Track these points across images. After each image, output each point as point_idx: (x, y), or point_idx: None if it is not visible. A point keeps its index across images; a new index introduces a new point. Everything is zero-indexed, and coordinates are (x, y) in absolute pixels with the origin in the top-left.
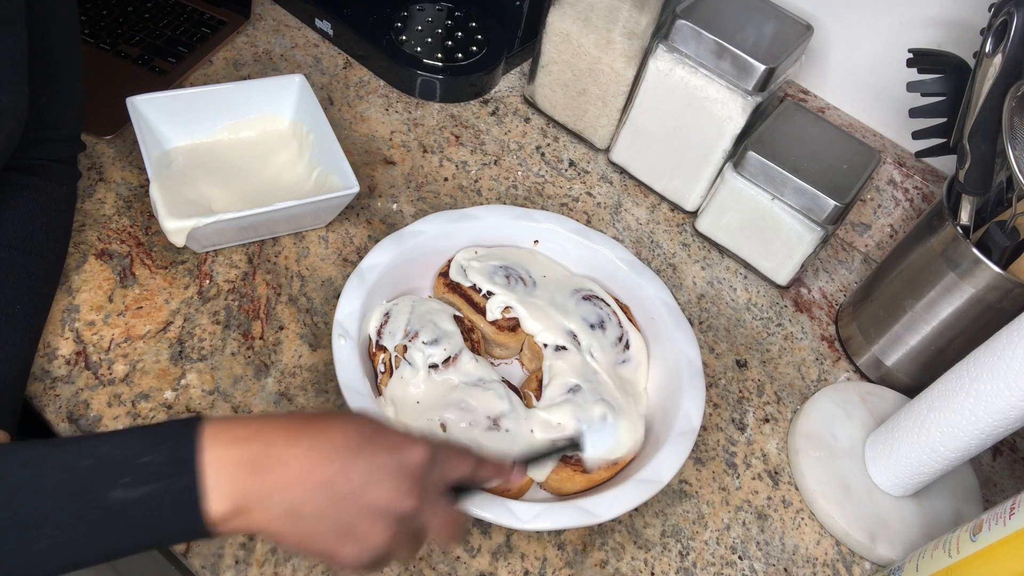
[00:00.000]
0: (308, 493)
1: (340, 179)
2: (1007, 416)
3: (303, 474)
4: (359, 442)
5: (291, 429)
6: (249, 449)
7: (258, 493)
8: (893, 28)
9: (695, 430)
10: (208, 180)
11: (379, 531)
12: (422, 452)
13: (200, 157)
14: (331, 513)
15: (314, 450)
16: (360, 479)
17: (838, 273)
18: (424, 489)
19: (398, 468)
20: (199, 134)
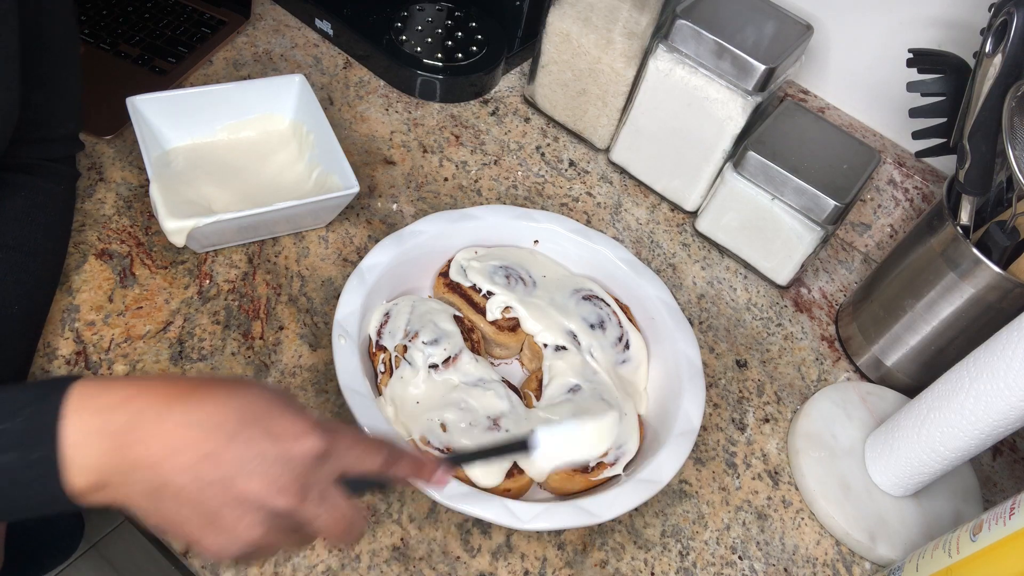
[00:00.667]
0: (171, 475)
1: (340, 179)
2: (1007, 416)
3: (168, 454)
4: (239, 423)
5: (166, 399)
6: (115, 420)
7: (119, 469)
8: (893, 28)
9: (695, 430)
10: (208, 180)
11: (248, 525)
12: (312, 444)
13: (200, 157)
14: (195, 499)
15: (184, 427)
16: (231, 466)
17: (838, 273)
18: (306, 485)
19: (277, 459)
20: (199, 134)
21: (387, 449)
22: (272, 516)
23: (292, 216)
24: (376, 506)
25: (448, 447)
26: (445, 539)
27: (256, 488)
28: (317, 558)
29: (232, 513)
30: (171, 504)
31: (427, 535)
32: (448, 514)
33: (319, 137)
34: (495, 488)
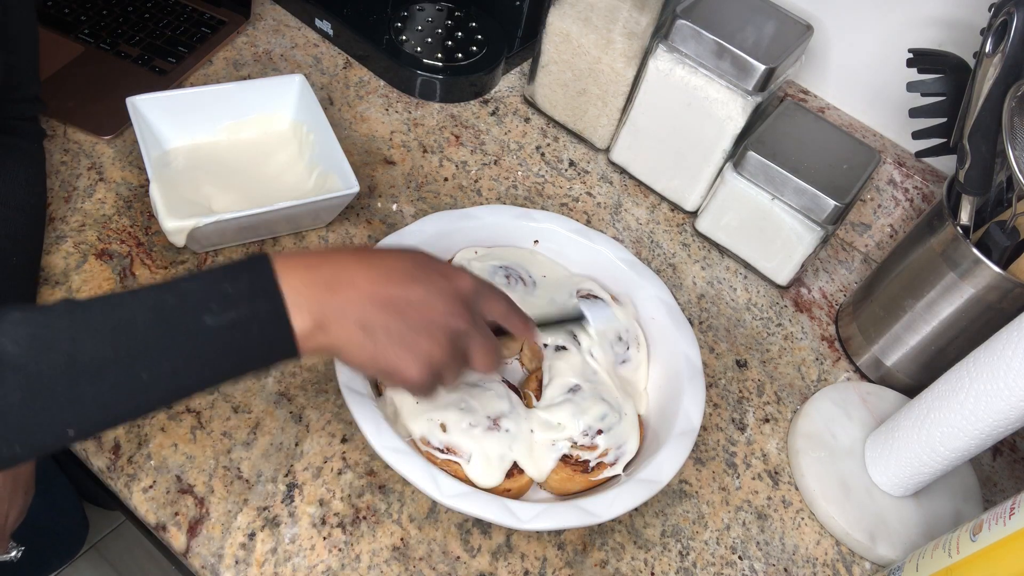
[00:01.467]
0: (376, 308)
1: (340, 179)
2: (1007, 416)
3: (371, 291)
4: (416, 267)
5: (355, 255)
6: (322, 272)
7: (334, 308)
8: (893, 28)
9: (695, 430)
10: (208, 180)
11: (435, 343)
12: (469, 282)
13: (200, 157)
14: (395, 326)
15: (378, 271)
16: (419, 297)
17: (838, 273)
18: (471, 311)
19: (449, 291)
20: (199, 134)
21: (508, 301)
22: (449, 336)
23: (292, 216)
24: (376, 506)
25: (448, 447)
26: (445, 539)
27: (439, 312)
28: (317, 558)
29: (423, 334)
30: (378, 334)
31: (427, 535)
32: (448, 514)
33: (319, 137)
34: (495, 488)
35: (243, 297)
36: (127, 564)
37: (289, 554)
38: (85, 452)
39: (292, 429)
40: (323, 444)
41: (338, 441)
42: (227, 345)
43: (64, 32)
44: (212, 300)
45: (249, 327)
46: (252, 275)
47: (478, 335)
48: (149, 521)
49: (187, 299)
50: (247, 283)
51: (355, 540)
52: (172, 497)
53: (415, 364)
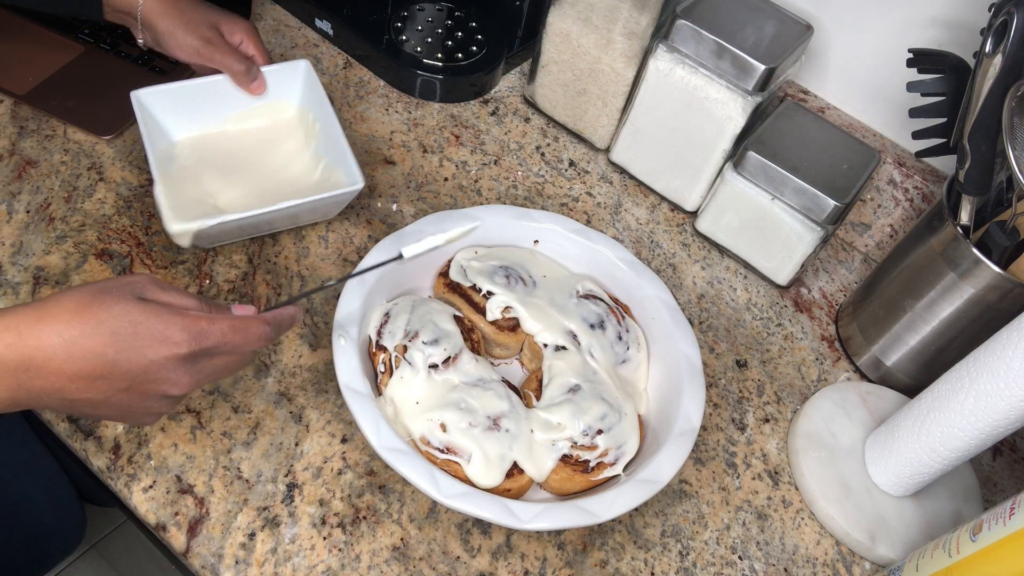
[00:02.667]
0: (76, 395)
1: (345, 174)
2: (1007, 416)
3: (67, 382)
4: (116, 349)
5: (45, 338)
6: (7, 362)
7: (28, 395)
8: (893, 28)
9: (695, 430)
10: (213, 174)
11: (157, 406)
12: (184, 352)
13: (205, 149)
14: (104, 404)
15: (73, 361)
16: (124, 381)
17: (838, 273)
18: (193, 372)
19: (160, 367)
20: (205, 125)
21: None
22: (174, 398)
23: (296, 213)
24: (376, 506)
25: (448, 447)
26: (445, 539)
27: (153, 389)
28: (317, 558)
29: (141, 405)
30: (87, 409)
31: (427, 535)
32: (448, 514)
33: (324, 127)
34: (495, 488)
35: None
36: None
37: (289, 554)
38: (85, 452)
39: (292, 429)
40: (323, 444)
41: (338, 441)
42: None
43: (64, 32)
44: None
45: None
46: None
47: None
48: (149, 521)
49: None
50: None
51: (355, 540)
52: (172, 497)
53: (138, 421)
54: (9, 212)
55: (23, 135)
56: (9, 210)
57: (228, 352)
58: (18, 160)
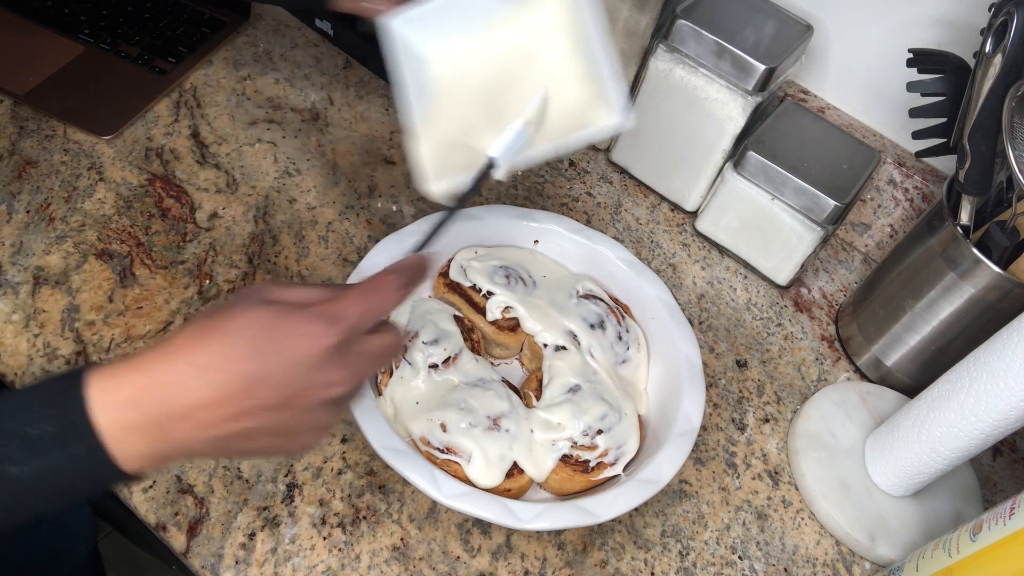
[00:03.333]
0: (227, 427)
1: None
2: (1007, 416)
3: (215, 415)
4: (258, 362)
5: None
6: (145, 410)
7: (172, 445)
8: (893, 28)
9: (695, 430)
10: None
11: (317, 420)
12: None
13: (462, 75)
14: (259, 431)
15: (214, 389)
16: (277, 396)
17: (838, 273)
18: (347, 364)
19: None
20: (461, 45)
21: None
22: (335, 402)
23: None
24: (376, 506)
25: (448, 447)
26: (445, 539)
27: (311, 397)
28: (317, 558)
29: (300, 422)
30: (241, 443)
31: (427, 535)
32: (448, 514)
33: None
34: (495, 488)
35: (52, 443)
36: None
37: (289, 554)
38: None
39: None
40: (323, 444)
41: (338, 441)
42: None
43: (64, 32)
44: (16, 447)
45: (67, 473)
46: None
47: (367, 370)
48: (149, 521)
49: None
50: (56, 424)
51: (355, 540)
52: (172, 497)
53: (301, 444)
54: (9, 212)
55: (23, 135)
56: (9, 210)
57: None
58: (18, 160)
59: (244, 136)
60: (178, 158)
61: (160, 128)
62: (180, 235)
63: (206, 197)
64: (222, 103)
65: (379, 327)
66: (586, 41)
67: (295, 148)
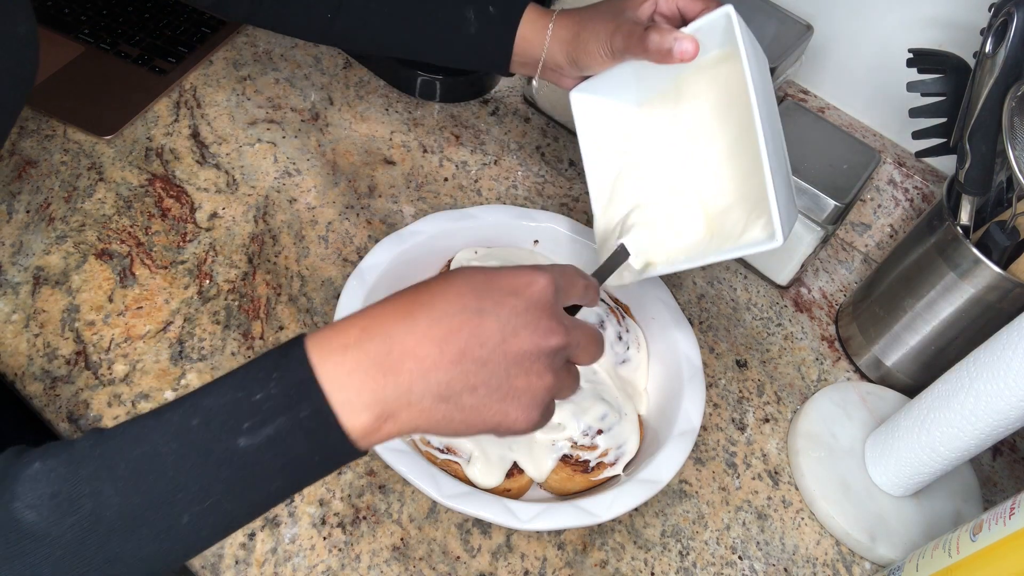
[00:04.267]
0: (450, 371)
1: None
2: (1007, 416)
3: (437, 354)
4: (476, 298)
5: (400, 313)
6: (367, 349)
7: (396, 392)
8: (893, 28)
9: (695, 430)
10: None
11: (538, 375)
12: (545, 283)
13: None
14: (482, 380)
15: (436, 324)
16: (496, 335)
17: (838, 273)
18: (560, 316)
19: (528, 308)
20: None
21: (580, 276)
22: (551, 357)
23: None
24: (376, 506)
25: (448, 447)
26: (445, 539)
27: (528, 341)
28: (317, 558)
29: (520, 375)
30: (464, 398)
31: (427, 535)
32: (448, 514)
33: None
34: (495, 488)
35: (278, 406)
36: None
37: (289, 554)
38: None
39: None
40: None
41: None
42: (271, 464)
43: (64, 32)
44: (241, 417)
45: (292, 441)
46: (283, 374)
47: (577, 336)
48: None
49: (213, 420)
50: (279, 386)
51: (355, 540)
52: None
53: (521, 411)
54: (9, 212)
55: (23, 135)
56: (9, 210)
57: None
58: (18, 160)
59: (244, 136)
60: (178, 158)
61: (160, 128)
62: (180, 235)
63: (206, 197)
64: (222, 103)
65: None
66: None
67: (295, 148)
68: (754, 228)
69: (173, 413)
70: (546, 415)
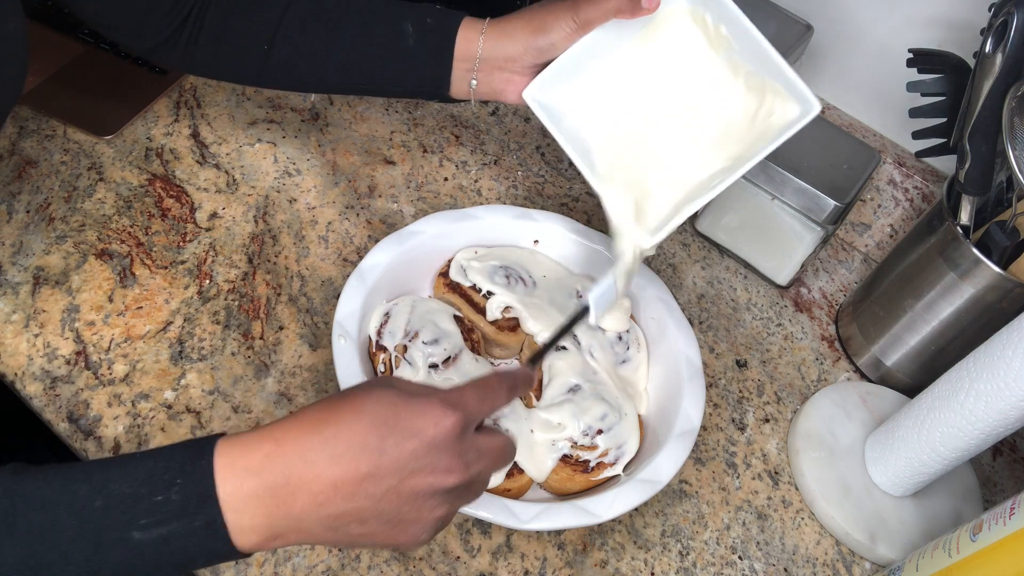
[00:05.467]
0: (342, 505)
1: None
2: (1007, 416)
3: (331, 490)
4: (378, 437)
5: (304, 442)
6: (266, 478)
7: (287, 521)
8: (893, 28)
9: (695, 430)
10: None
11: (430, 510)
12: (449, 423)
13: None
14: (373, 514)
15: (335, 461)
16: (393, 475)
17: (838, 273)
18: (463, 453)
19: (429, 450)
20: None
21: (502, 385)
22: (447, 493)
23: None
24: None
25: None
26: (445, 539)
27: (425, 481)
28: (317, 558)
29: (413, 509)
30: (354, 527)
31: None
32: None
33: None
34: (495, 488)
35: (175, 511)
36: None
37: (289, 554)
38: (85, 452)
39: None
40: None
41: None
42: (158, 558)
43: (64, 32)
44: (142, 512)
45: (183, 543)
46: (186, 482)
47: (479, 466)
48: None
49: (114, 508)
50: (180, 493)
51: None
52: None
53: (409, 537)
54: (9, 212)
55: (23, 135)
56: (9, 210)
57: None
58: (18, 160)
59: (244, 136)
60: (178, 158)
61: (160, 128)
62: (180, 235)
63: (206, 197)
64: (222, 103)
65: (488, 431)
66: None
67: (295, 148)
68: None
69: (80, 486)
70: (436, 533)
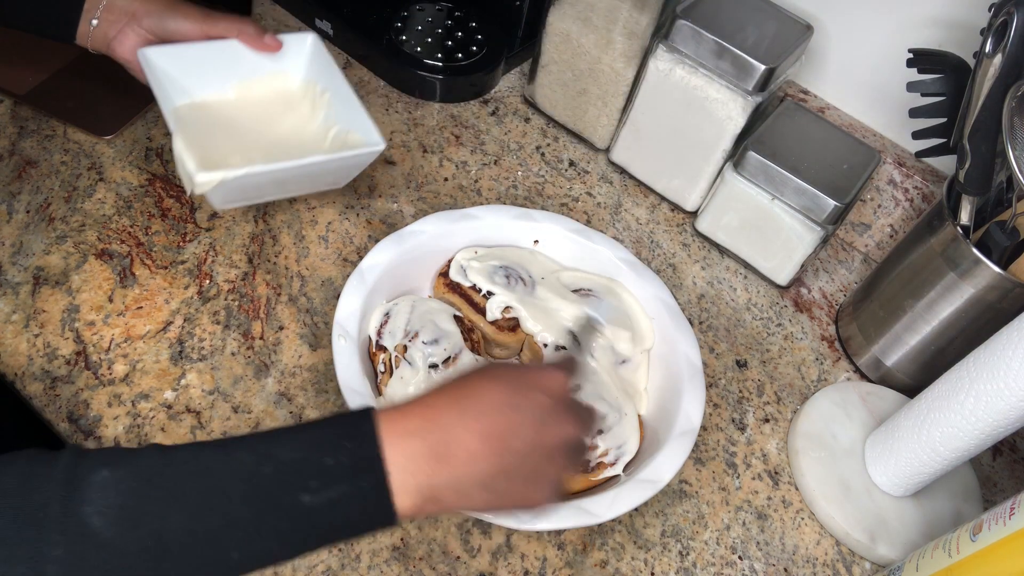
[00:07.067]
0: (493, 460)
1: (363, 135)
2: (1007, 416)
3: (484, 446)
4: (512, 394)
5: (454, 406)
6: (427, 439)
7: (447, 480)
8: (893, 28)
9: (695, 430)
10: (222, 138)
11: (555, 464)
12: (562, 377)
13: (211, 115)
14: (517, 469)
15: (482, 418)
16: (529, 426)
17: (838, 273)
18: (577, 409)
19: (555, 403)
20: (210, 91)
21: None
22: (567, 448)
23: (316, 173)
24: None
25: None
26: (445, 539)
27: (558, 434)
28: (317, 558)
29: (546, 463)
30: (499, 484)
31: (427, 535)
32: None
33: (336, 96)
34: None
35: (345, 473)
36: None
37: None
38: None
39: None
40: None
41: None
42: (323, 523)
43: None
44: (311, 475)
45: (348, 507)
46: (355, 445)
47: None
48: None
49: (284, 473)
50: (349, 455)
51: (355, 540)
52: None
53: (542, 494)
54: (9, 212)
55: (23, 135)
56: (9, 210)
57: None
58: (18, 160)
59: None
60: None
61: (160, 128)
62: (180, 235)
63: None
64: None
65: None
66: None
67: None
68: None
69: (247, 455)
70: (557, 498)
